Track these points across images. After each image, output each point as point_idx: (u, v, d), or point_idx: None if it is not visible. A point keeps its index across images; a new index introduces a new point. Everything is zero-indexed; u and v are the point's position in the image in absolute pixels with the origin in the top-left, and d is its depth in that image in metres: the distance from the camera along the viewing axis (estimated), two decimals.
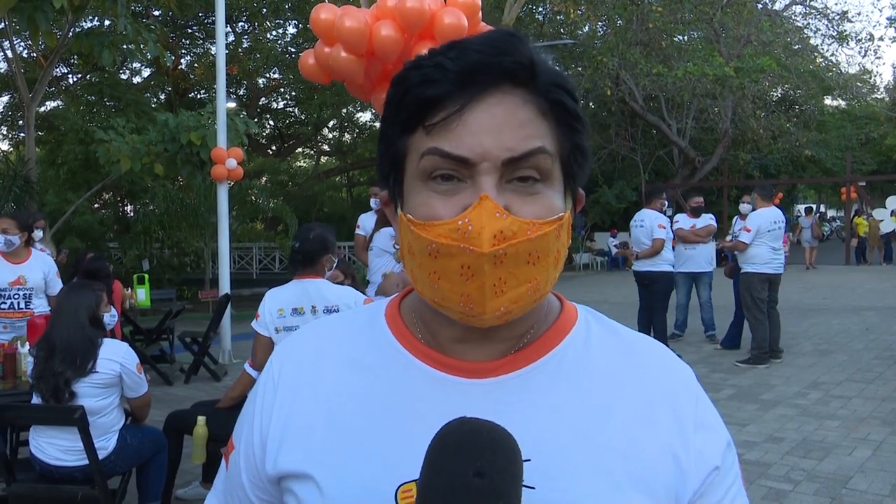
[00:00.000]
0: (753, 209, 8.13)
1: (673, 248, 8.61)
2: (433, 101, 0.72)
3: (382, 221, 6.06)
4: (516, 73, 0.72)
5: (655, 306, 8.22)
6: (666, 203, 8.53)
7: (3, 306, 4.96)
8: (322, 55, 4.72)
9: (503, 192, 0.72)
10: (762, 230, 7.75)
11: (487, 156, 0.71)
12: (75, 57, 19.23)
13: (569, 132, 0.77)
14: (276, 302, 3.76)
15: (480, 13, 4.83)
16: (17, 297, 4.97)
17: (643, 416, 0.78)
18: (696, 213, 9.34)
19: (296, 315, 3.72)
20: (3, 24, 12.57)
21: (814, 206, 33.11)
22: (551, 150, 0.74)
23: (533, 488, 0.71)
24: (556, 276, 0.76)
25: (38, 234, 7.98)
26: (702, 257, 9.21)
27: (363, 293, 4.29)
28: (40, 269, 5.15)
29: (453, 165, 0.72)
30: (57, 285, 5.29)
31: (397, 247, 0.85)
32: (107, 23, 12.61)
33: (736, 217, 9.18)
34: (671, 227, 8.67)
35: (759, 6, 23.76)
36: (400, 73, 0.76)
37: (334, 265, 4.02)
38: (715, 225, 9.33)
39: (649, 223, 8.23)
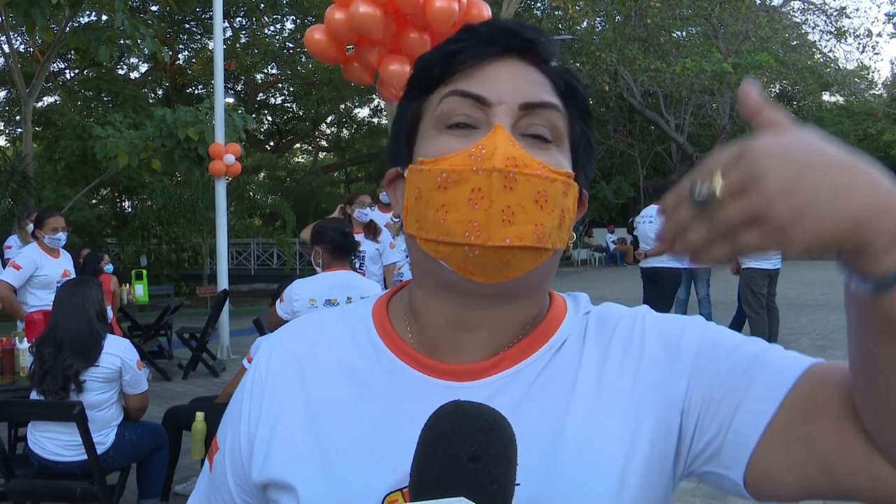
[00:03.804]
0: None
1: None
2: (456, 54, 0.76)
3: None
4: (535, 46, 0.77)
5: (661, 302, 8.12)
6: None
7: None
8: (334, 22, 4.78)
9: (515, 137, 0.73)
10: None
11: (505, 98, 0.74)
12: (72, 52, 19.18)
13: (578, 118, 0.79)
14: (307, 292, 3.75)
15: None
16: None
17: (629, 389, 0.75)
18: None
19: (329, 307, 3.71)
20: None
21: None
22: (564, 114, 0.77)
23: (518, 484, 0.69)
24: (560, 241, 0.74)
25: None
26: None
27: None
28: (70, 261, 5.58)
29: (471, 107, 0.74)
30: None
31: (395, 219, 0.83)
32: (104, 18, 12.57)
33: None
34: None
35: (758, 2, 23.74)
36: (422, 54, 0.80)
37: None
38: None
39: (660, 220, 8.12)
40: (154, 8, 20.83)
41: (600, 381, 0.76)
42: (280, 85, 26.29)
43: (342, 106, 26.64)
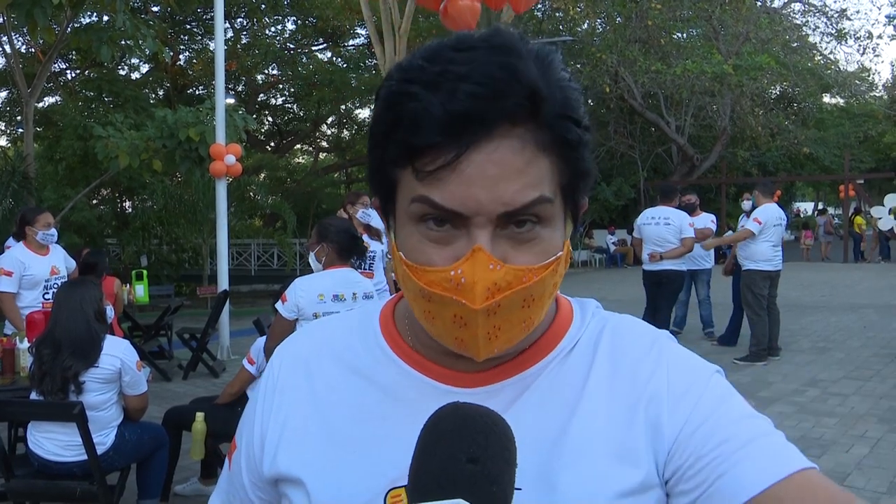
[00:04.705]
0: (754, 206, 8.10)
1: None
2: (422, 149, 0.67)
3: None
4: (516, 115, 0.67)
5: (662, 304, 8.04)
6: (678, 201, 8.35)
7: (46, 296, 5.08)
8: None
9: (498, 240, 0.69)
10: (769, 224, 7.73)
11: (482, 210, 0.67)
12: (74, 52, 19.17)
13: (572, 161, 0.72)
14: (313, 288, 3.75)
15: None
16: (55, 287, 5.07)
17: (632, 408, 0.76)
18: (688, 210, 9.21)
19: (337, 301, 3.73)
20: (1, 19, 12.54)
21: (828, 209, 33.50)
22: (551, 191, 0.70)
23: (519, 489, 0.69)
24: (550, 299, 0.75)
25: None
26: (699, 255, 9.16)
27: None
28: (61, 257, 5.43)
29: (445, 215, 0.69)
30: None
31: (391, 256, 0.82)
32: (105, 18, 12.58)
33: (742, 216, 9.07)
34: None
35: (758, 3, 23.75)
36: (388, 88, 0.70)
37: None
38: (714, 228, 9.24)
39: (678, 221, 7.90)
40: (155, 9, 20.84)
41: (611, 392, 0.77)
42: (281, 86, 26.28)
43: (343, 107, 26.61)
